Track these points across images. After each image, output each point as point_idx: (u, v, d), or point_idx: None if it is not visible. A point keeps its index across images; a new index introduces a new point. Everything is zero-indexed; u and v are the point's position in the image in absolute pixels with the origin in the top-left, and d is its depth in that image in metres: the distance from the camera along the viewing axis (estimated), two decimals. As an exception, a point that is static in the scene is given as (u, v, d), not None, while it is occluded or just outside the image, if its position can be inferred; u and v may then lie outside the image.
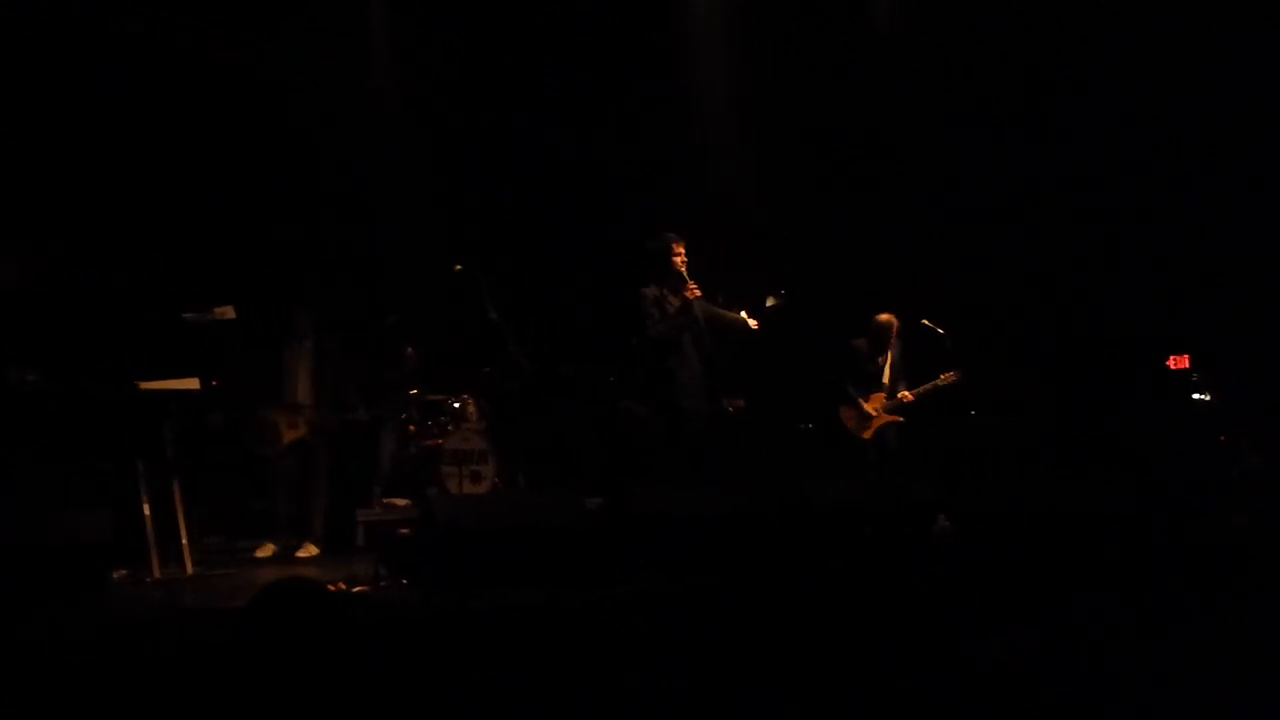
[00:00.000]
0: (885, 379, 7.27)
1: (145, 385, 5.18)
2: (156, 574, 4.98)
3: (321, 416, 5.95)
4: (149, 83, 7.07)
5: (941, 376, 7.26)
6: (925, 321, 7.45)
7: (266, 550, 5.89)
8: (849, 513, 4.90)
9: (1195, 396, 8.62)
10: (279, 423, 5.85)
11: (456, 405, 7.03)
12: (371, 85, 8.08)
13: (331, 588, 4.36)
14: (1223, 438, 8.36)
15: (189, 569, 5.18)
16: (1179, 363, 8.66)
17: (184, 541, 5.20)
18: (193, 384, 5.33)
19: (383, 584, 4.43)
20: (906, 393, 7.26)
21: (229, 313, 5.72)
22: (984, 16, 8.41)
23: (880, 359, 7.30)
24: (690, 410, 5.74)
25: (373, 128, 7.97)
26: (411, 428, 6.98)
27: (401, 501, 6.83)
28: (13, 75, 6.51)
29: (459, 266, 5.88)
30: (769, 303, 7.10)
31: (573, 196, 8.54)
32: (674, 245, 5.87)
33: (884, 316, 7.34)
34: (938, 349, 7.41)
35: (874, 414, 7.19)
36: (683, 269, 5.80)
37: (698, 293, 5.75)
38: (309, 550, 5.98)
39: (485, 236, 7.85)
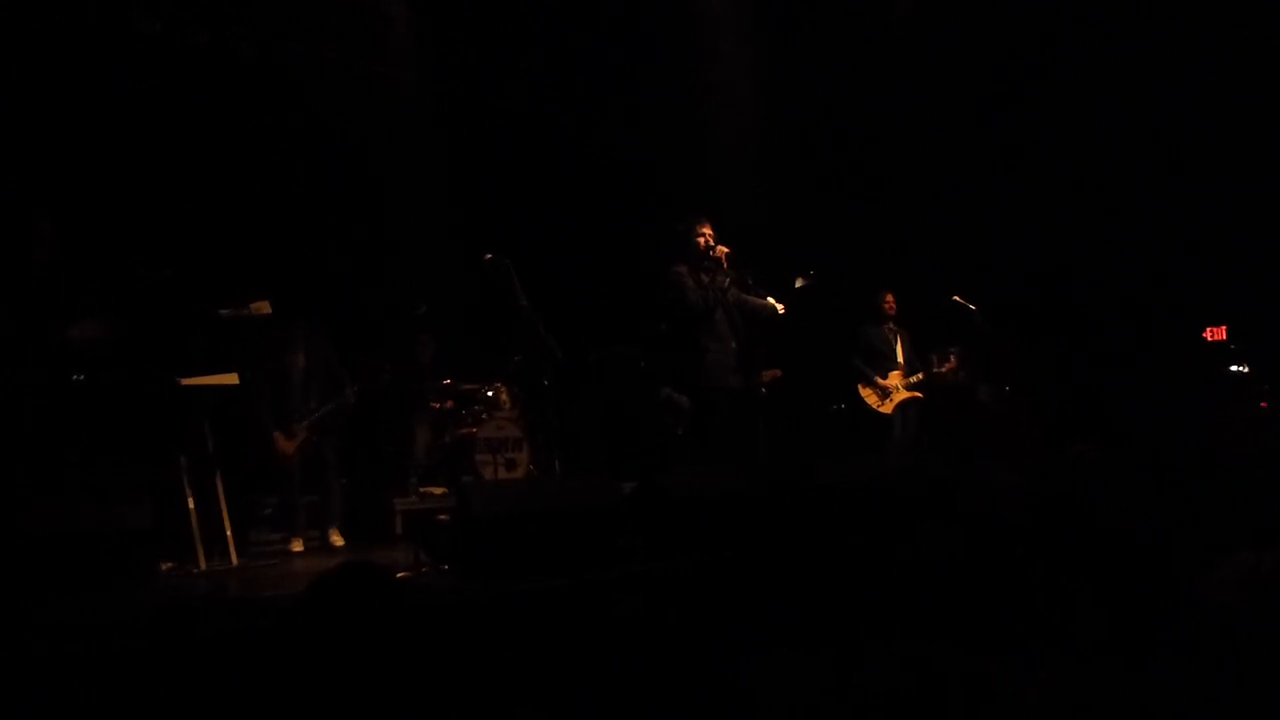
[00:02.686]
0: (899, 356, 7.33)
1: (186, 381, 5.29)
2: (203, 565, 5.10)
3: (314, 413, 6.06)
4: (170, 78, 7.16)
5: (944, 366, 7.28)
6: (956, 298, 7.45)
7: (298, 545, 5.98)
8: (871, 491, 4.90)
9: (1233, 368, 8.52)
10: (279, 440, 5.97)
11: (490, 394, 7.10)
12: (393, 72, 8.13)
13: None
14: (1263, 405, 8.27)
15: (234, 560, 5.29)
16: (1216, 334, 8.55)
17: (228, 534, 5.32)
18: (232, 379, 5.43)
19: (423, 570, 4.50)
20: (951, 361, 7.29)
21: (265, 308, 5.80)
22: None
23: (888, 334, 7.36)
24: (723, 387, 5.74)
25: (397, 115, 8.03)
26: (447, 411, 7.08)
27: (438, 490, 6.92)
28: (35, 74, 6.63)
29: (489, 256, 5.92)
30: (798, 284, 7.11)
31: (599, 181, 8.57)
32: (699, 226, 5.89)
33: (884, 293, 7.45)
34: (968, 324, 7.41)
35: (892, 390, 7.25)
36: (708, 250, 5.82)
37: (725, 250, 5.78)
38: (337, 538, 6.09)
39: (513, 223, 7.89)
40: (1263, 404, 8.46)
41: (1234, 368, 8.55)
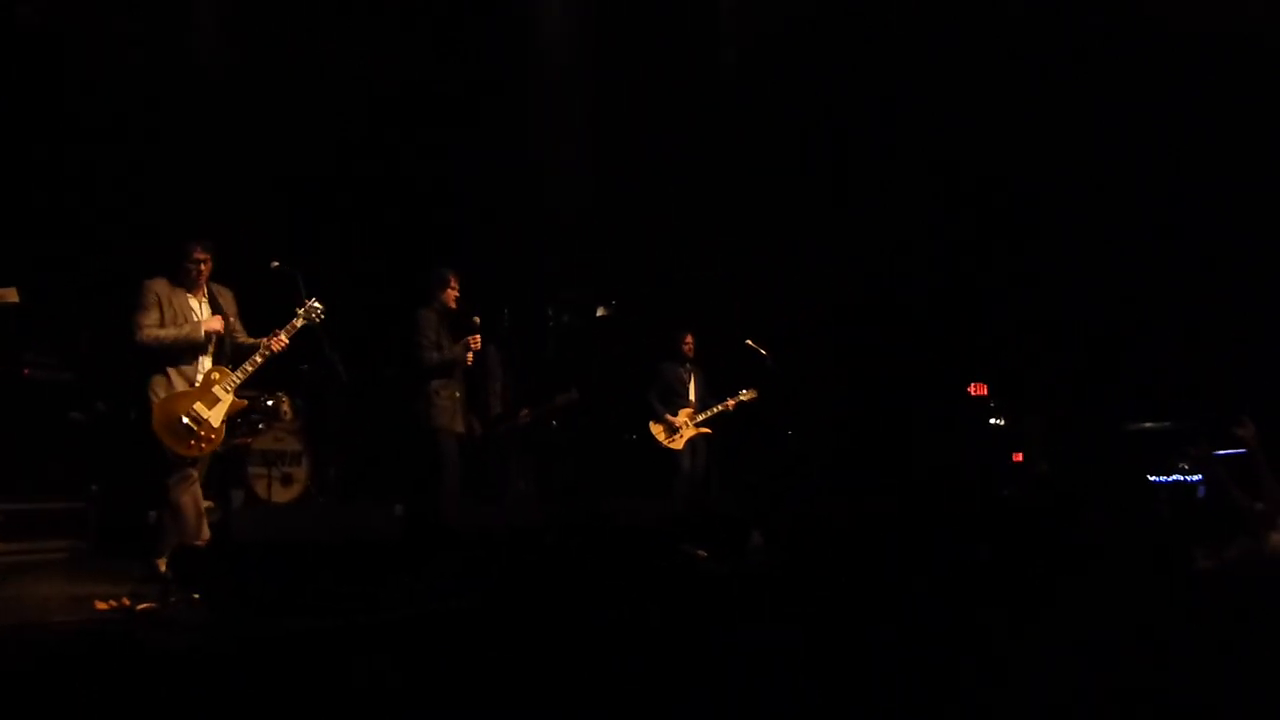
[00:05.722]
0: (691, 395, 7.54)
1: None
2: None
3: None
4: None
5: (741, 393, 7.55)
6: (749, 342, 7.72)
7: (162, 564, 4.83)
8: (659, 531, 4.96)
9: (992, 421, 9.36)
10: (176, 446, 5.10)
11: (270, 403, 6.69)
12: (193, 59, 7.60)
13: (112, 603, 4.08)
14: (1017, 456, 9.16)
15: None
16: (979, 390, 9.33)
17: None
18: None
19: (171, 600, 4.15)
20: (746, 392, 7.52)
21: (11, 295, 5.26)
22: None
23: (684, 374, 7.56)
24: (450, 431, 5.81)
25: (194, 106, 7.49)
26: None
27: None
28: None
29: (275, 263, 5.59)
30: (599, 313, 7.18)
31: (402, 199, 8.28)
32: (448, 280, 6.02)
33: (684, 334, 7.66)
34: (759, 368, 7.68)
35: (681, 427, 7.42)
36: (455, 304, 5.98)
37: (477, 346, 5.88)
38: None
39: (308, 234, 7.47)
40: (1016, 456, 9.35)
41: (993, 421, 9.40)
